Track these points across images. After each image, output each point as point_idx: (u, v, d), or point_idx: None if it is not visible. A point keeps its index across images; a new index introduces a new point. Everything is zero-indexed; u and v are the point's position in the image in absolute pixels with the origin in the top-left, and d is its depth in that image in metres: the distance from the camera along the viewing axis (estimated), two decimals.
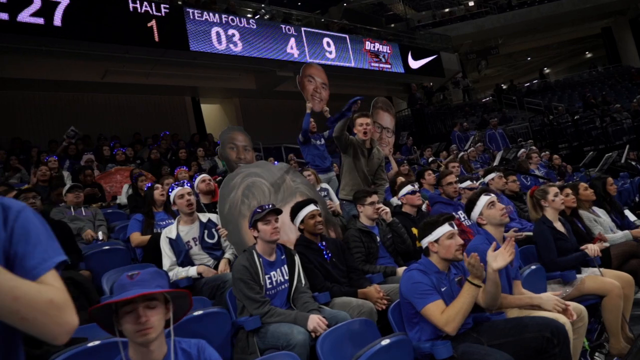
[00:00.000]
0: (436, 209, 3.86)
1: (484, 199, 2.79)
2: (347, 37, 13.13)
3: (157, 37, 9.06)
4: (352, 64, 12.87)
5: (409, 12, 22.47)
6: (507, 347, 2.08)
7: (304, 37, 11.79)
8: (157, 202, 4.11)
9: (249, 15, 12.40)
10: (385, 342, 1.96)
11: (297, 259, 2.72)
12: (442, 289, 2.26)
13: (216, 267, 3.15)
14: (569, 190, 3.67)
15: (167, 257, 3.14)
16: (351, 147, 3.91)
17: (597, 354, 2.96)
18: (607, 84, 17.65)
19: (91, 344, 1.96)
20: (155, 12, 9.17)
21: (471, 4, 22.48)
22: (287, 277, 2.63)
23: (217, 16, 10.20)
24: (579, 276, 3.02)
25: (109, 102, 11.28)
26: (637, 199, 6.22)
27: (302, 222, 2.99)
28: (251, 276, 2.47)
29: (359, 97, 3.67)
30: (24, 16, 7.55)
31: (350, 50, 12.91)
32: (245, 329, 2.39)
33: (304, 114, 5.40)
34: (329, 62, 11.99)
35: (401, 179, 4.75)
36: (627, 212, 4.25)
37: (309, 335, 2.25)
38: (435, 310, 2.15)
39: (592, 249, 3.11)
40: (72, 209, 4.29)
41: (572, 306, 2.41)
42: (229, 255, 3.21)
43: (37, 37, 7.88)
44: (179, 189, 3.30)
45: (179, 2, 10.27)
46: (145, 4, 9.08)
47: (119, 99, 11.46)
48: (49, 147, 8.11)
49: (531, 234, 3.50)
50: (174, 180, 4.53)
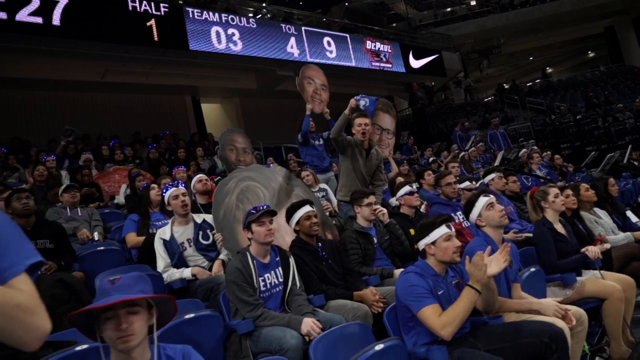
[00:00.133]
0: (434, 209, 3.81)
1: (482, 200, 2.73)
2: (347, 36, 13.08)
3: (156, 37, 9.03)
4: (353, 64, 12.81)
5: (411, 12, 22.41)
6: (504, 353, 2.03)
7: (304, 37, 11.75)
8: (153, 202, 4.08)
9: (250, 14, 12.34)
10: (379, 347, 1.92)
11: (291, 260, 2.68)
12: (439, 292, 2.21)
13: (211, 269, 3.11)
14: (569, 191, 3.61)
15: (161, 258, 3.10)
16: (349, 148, 3.87)
17: (597, 358, 2.91)
18: (610, 83, 17.55)
19: (79, 348, 1.93)
20: (154, 12, 9.14)
21: (473, 3, 22.37)
22: (281, 280, 2.59)
23: (216, 15, 10.16)
24: (579, 279, 2.97)
25: (108, 101, 11.26)
26: (639, 200, 6.15)
27: (298, 223, 2.95)
28: (244, 278, 2.43)
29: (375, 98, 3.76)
30: (23, 15, 7.52)
31: (350, 49, 12.86)
32: (237, 333, 2.35)
33: (304, 114, 5.38)
34: (329, 62, 11.95)
35: (400, 180, 4.70)
36: (629, 213, 4.19)
37: (302, 339, 2.21)
38: (430, 313, 2.10)
39: (593, 251, 3.06)
40: (67, 209, 4.25)
41: (572, 310, 2.36)
42: (223, 256, 3.16)
43: (36, 37, 7.86)
44: (173, 189, 3.25)
45: (179, 2, 10.23)
46: (144, 3, 9.05)
47: (119, 99, 11.44)
48: (49, 147, 8.10)
49: (531, 235, 3.45)
50: (172, 180, 4.49)
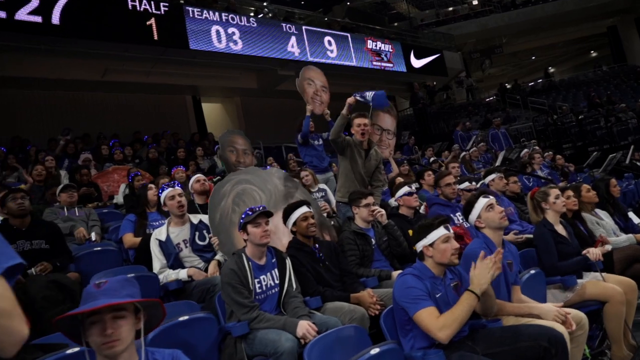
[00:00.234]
0: (434, 210, 3.77)
1: (482, 201, 2.68)
2: (348, 35, 13.03)
3: (156, 36, 8.99)
4: (354, 63, 12.76)
5: (412, 11, 22.35)
6: (502, 356, 2.00)
7: (305, 36, 11.70)
8: (151, 203, 4.05)
9: (251, 14, 12.30)
10: (374, 351, 1.89)
11: (288, 262, 2.65)
12: (437, 295, 2.17)
13: (207, 270, 3.08)
14: (570, 192, 3.57)
15: (157, 259, 3.07)
16: (348, 149, 3.83)
17: None
18: (612, 83, 17.46)
19: (70, 351, 1.90)
20: (154, 11, 9.10)
21: (475, 2, 22.27)
22: (277, 281, 2.56)
23: (217, 14, 10.12)
24: (580, 281, 2.93)
25: (108, 101, 11.22)
26: None
27: (295, 224, 2.92)
28: (240, 280, 2.40)
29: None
30: (22, 14, 7.50)
31: (351, 48, 12.80)
32: (232, 335, 2.32)
33: (305, 115, 5.35)
34: (330, 61, 11.90)
35: (399, 180, 4.66)
36: (631, 215, 4.13)
37: (297, 342, 2.18)
38: (427, 316, 2.06)
39: (594, 253, 3.01)
40: (65, 209, 4.23)
41: (572, 314, 2.32)
42: (219, 257, 3.13)
43: (35, 36, 7.83)
44: (170, 190, 3.22)
45: (179, 1, 10.18)
46: (144, 2, 9.01)
47: (119, 98, 11.40)
48: (48, 146, 8.08)
49: (532, 236, 3.41)
50: (170, 180, 4.46)
